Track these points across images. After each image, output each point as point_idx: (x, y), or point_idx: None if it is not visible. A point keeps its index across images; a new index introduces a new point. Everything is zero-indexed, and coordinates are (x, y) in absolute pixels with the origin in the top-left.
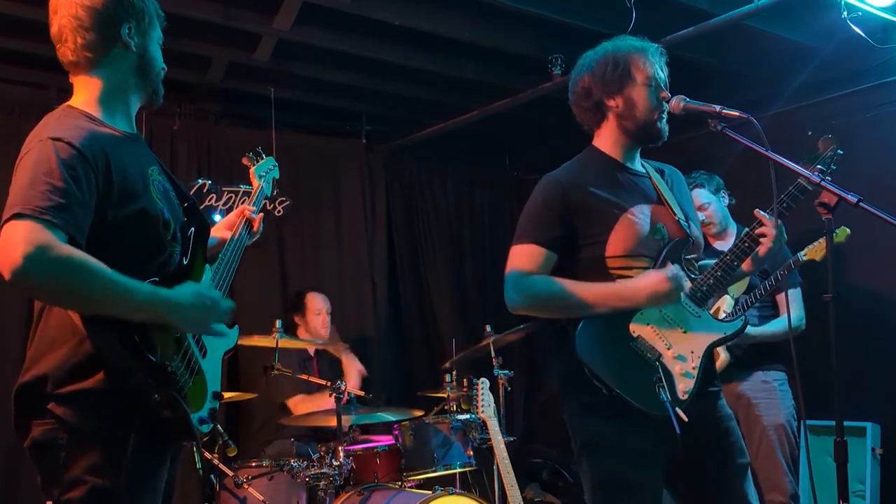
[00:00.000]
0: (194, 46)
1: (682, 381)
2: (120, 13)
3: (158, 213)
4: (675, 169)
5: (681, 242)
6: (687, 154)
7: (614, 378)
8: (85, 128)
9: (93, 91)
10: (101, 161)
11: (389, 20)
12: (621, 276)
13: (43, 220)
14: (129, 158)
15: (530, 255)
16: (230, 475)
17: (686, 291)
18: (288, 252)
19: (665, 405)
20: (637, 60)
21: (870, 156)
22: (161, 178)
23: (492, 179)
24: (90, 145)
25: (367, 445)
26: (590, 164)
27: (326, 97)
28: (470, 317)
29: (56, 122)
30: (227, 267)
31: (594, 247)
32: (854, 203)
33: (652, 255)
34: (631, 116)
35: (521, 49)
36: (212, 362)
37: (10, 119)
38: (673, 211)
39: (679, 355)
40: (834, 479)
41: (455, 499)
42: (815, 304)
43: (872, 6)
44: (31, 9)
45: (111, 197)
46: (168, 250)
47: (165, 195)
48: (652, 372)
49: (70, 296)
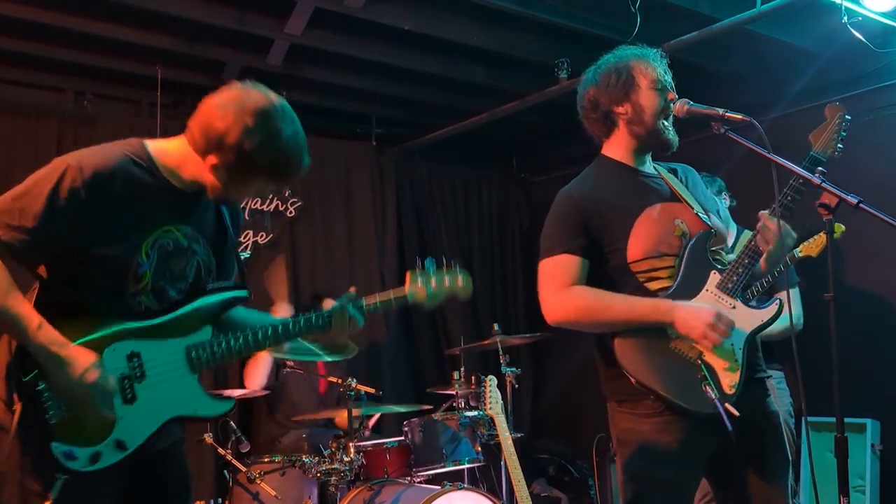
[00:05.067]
0: (208, 51)
1: (727, 376)
2: (213, 148)
3: (132, 262)
4: (687, 166)
5: (704, 235)
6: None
7: (661, 384)
8: (117, 158)
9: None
10: (102, 192)
11: (400, 25)
12: (650, 279)
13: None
14: (142, 206)
15: (565, 266)
16: (243, 471)
17: (729, 332)
18: (299, 252)
19: (714, 402)
20: (639, 66)
21: (870, 158)
22: (185, 239)
23: (500, 181)
24: (106, 174)
25: (377, 441)
26: (601, 174)
27: (338, 100)
28: (478, 316)
29: (97, 148)
30: (237, 344)
31: (617, 254)
32: (854, 204)
33: (675, 253)
34: (640, 121)
35: (529, 53)
36: (145, 414)
37: (28, 122)
38: (690, 206)
39: (720, 351)
40: (834, 474)
41: (463, 494)
42: (816, 303)
43: (872, 11)
44: (51, 14)
45: (87, 229)
46: (137, 298)
47: (170, 254)
48: (695, 372)
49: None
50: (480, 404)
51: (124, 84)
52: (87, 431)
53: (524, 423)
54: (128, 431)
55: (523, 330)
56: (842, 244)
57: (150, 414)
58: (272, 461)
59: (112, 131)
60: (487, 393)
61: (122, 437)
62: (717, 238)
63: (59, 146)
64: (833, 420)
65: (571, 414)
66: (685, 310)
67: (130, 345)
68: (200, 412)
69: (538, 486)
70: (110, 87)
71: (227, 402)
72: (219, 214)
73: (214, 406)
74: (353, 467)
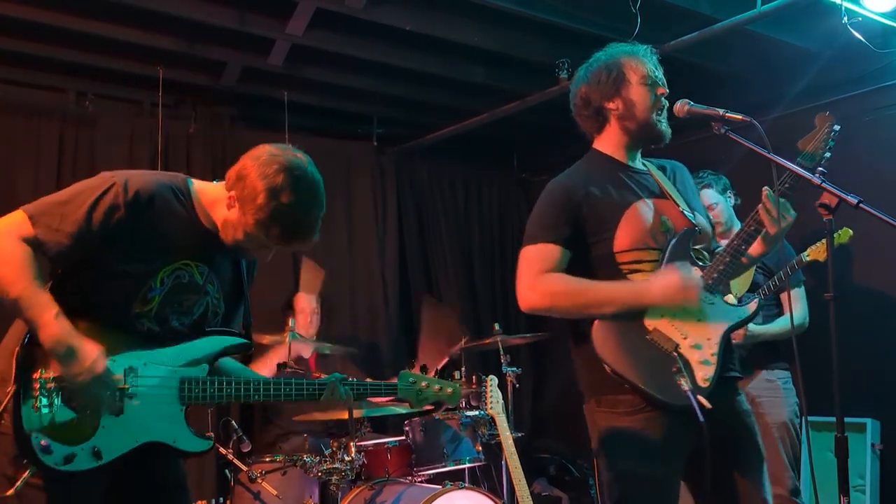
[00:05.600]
0: (210, 51)
1: (702, 369)
2: (237, 182)
3: (145, 285)
4: (677, 163)
5: (687, 233)
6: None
7: (635, 373)
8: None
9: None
10: (140, 213)
11: (400, 25)
12: (633, 271)
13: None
14: (171, 235)
15: (545, 254)
16: (244, 470)
17: (701, 289)
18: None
19: (687, 394)
20: (629, 62)
21: (870, 158)
22: (200, 278)
23: (500, 181)
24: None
25: (378, 441)
26: (592, 166)
27: (339, 101)
28: (479, 315)
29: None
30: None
31: (603, 244)
32: (854, 204)
33: (660, 247)
34: (631, 116)
35: (529, 54)
36: (126, 430)
37: (29, 122)
38: (676, 203)
39: (696, 344)
40: (834, 473)
41: (464, 493)
42: (817, 302)
43: (872, 11)
44: (52, 14)
45: (116, 245)
46: (140, 319)
47: (184, 287)
48: (671, 363)
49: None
50: (481, 404)
51: (126, 84)
52: (71, 430)
53: (525, 423)
54: (106, 442)
55: (524, 330)
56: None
57: (131, 431)
58: (273, 461)
59: (113, 131)
60: (488, 392)
61: (100, 446)
62: (700, 236)
63: (60, 146)
64: (833, 420)
65: (572, 413)
66: (657, 285)
67: (130, 360)
68: (179, 444)
69: (539, 485)
70: (112, 87)
71: (206, 442)
72: (237, 265)
73: (193, 442)
74: (355, 467)
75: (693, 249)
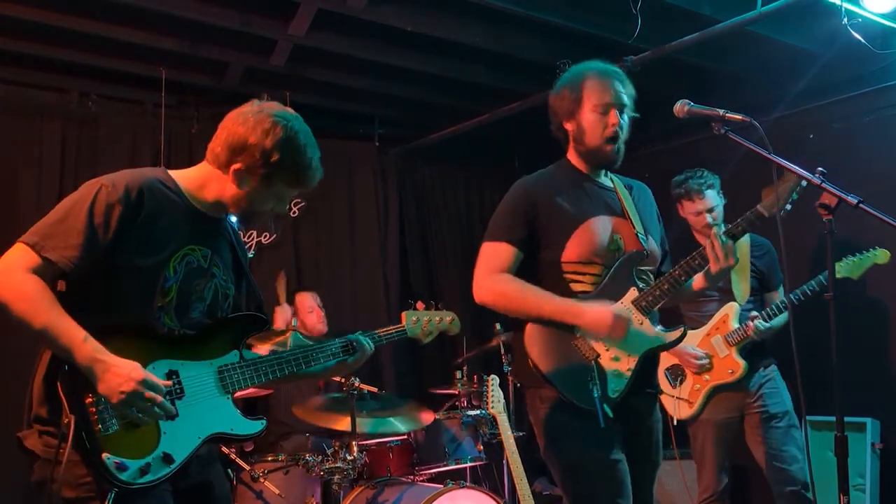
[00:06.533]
0: (212, 52)
1: (614, 381)
2: (237, 153)
3: (160, 276)
4: (643, 185)
5: (635, 255)
6: (690, 157)
7: (555, 374)
8: (146, 177)
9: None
10: (136, 205)
11: (402, 26)
12: (573, 281)
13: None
14: (171, 221)
15: (499, 253)
16: (247, 469)
17: (628, 328)
18: (302, 252)
19: (593, 399)
20: (590, 85)
21: (870, 158)
22: (205, 261)
23: (501, 181)
24: (136, 189)
25: (380, 440)
26: (559, 174)
27: (340, 101)
28: (480, 315)
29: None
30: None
31: (553, 250)
32: (854, 205)
33: (606, 264)
34: (581, 141)
35: (531, 54)
36: (188, 430)
37: (32, 122)
38: (633, 224)
39: (615, 357)
40: (834, 473)
41: (466, 492)
42: (817, 302)
43: (872, 12)
44: (55, 15)
45: (125, 240)
46: (160, 317)
47: (195, 271)
48: (588, 371)
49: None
50: (483, 403)
51: (128, 85)
52: (136, 443)
53: (526, 422)
54: (173, 445)
55: None
56: (841, 244)
57: (192, 429)
58: (276, 460)
59: (116, 132)
60: (490, 392)
61: (169, 450)
62: (647, 260)
63: (63, 146)
64: (833, 419)
65: None
66: (590, 313)
67: (168, 363)
68: (237, 430)
69: (540, 484)
70: (114, 87)
71: (260, 423)
72: (233, 247)
73: (249, 425)
74: (357, 466)
75: (638, 270)
